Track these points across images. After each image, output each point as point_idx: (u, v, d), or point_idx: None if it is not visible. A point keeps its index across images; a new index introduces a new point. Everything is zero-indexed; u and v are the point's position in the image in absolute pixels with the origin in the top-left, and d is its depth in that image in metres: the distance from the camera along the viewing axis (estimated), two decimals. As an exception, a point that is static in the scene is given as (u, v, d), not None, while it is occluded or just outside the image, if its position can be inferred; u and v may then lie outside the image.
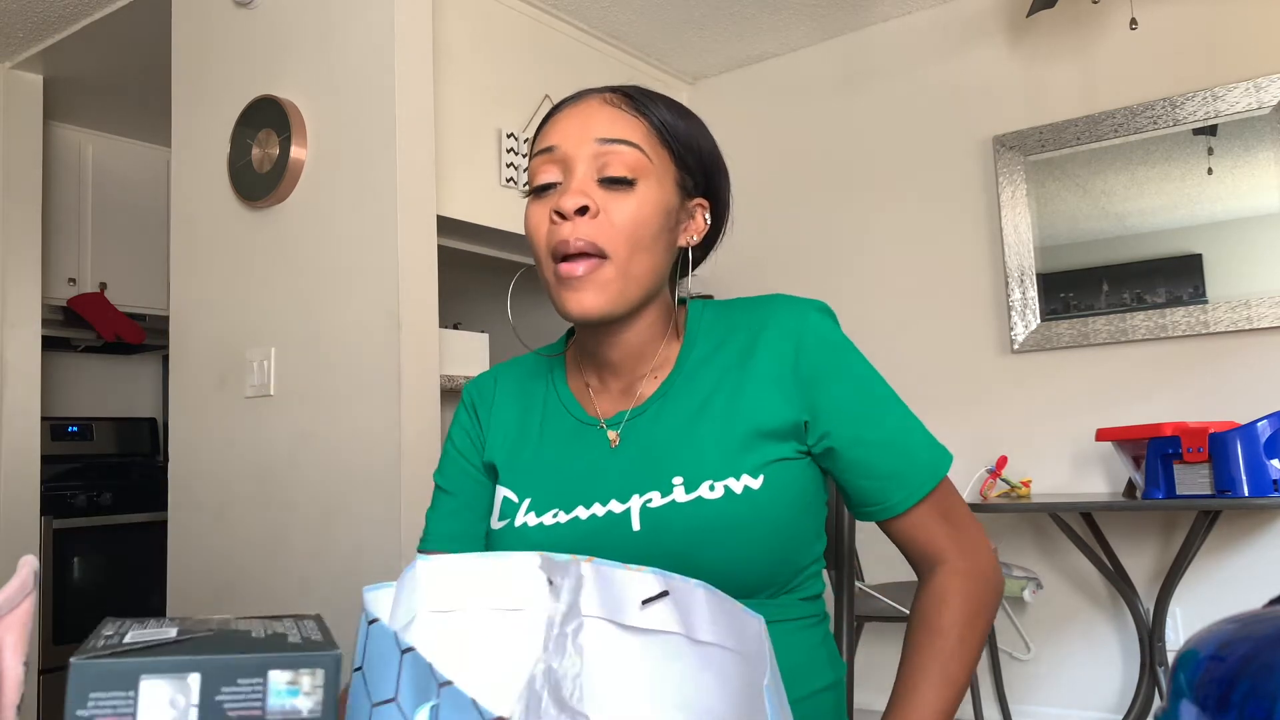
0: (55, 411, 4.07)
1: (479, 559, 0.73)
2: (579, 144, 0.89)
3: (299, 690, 0.47)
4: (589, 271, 0.86)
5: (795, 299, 0.94)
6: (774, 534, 0.88)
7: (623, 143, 0.89)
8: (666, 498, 0.87)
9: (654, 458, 0.90)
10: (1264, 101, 2.65)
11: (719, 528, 0.85)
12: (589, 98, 0.93)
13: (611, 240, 0.87)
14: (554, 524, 0.90)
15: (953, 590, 0.88)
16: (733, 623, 0.64)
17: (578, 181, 0.88)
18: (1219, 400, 2.65)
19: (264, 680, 0.47)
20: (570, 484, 0.92)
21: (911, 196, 3.22)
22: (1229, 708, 0.37)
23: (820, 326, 0.92)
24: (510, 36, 2.92)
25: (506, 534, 0.93)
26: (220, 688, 0.46)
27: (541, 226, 0.89)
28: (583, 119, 0.90)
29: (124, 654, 0.45)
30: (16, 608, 0.50)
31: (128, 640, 0.47)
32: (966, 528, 0.91)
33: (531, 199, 0.92)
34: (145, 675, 0.44)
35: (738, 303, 0.98)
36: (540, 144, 0.91)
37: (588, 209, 0.86)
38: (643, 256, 0.89)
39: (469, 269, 3.30)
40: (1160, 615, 2.55)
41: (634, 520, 0.88)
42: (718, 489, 0.86)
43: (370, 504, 2.17)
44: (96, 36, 3.14)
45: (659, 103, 0.94)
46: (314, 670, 0.48)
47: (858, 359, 0.92)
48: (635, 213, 0.88)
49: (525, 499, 0.93)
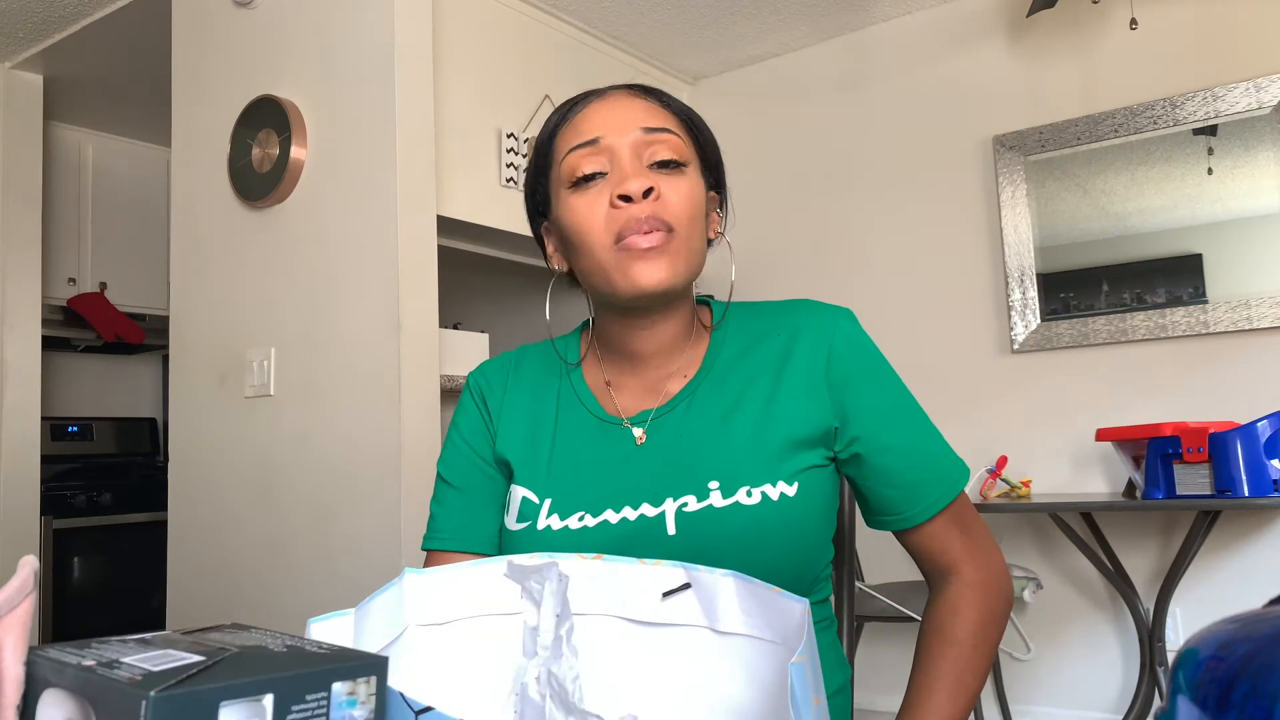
0: (55, 411, 4.07)
1: (466, 569, 0.72)
2: (623, 133, 0.89)
3: (356, 700, 0.47)
4: (662, 242, 0.86)
5: (824, 305, 0.95)
6: (805, 540, 0.88)
7: (667, 130, 0.90)
8: (703, 502, 0.86)
9: (687, 460, 0.89)
10: (1264, 101, 2.65)
11: (756, 533, 0.85)
12: (614, 92, 0.93)
13: (674, 216, 0.87)
14: (581, 528, 0.88)
15: (966, 601, 0.88)
16: (770, 611, 0.63)
17: (634, 167, 0.88)
18: (1219, 400, 2.65)
19: (328, 694, 0.47)
20: (594, 484, 0.90)
21: (911, 196, 3.22)
22: (1229, 708, 0.37)
23: (852, 333, 0.93)
24: (510, 36, 2.92)
25: (528, 536, 0.90)
26: (291, 706, 0.45)
27: (596, 214, 0.87)
28: (621, 111, 0.90)
29: (198, 682, 0.44)
30: (16, 608, 0.50)
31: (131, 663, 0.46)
32: (981, 538, 0.92)
33: (572, 191, 0.90)
34: (225, 702, 0.44)
35: (763, 306, 0.98)
36: (577, 138, 0.90)
37: (652, 189, 0.86)
38: (698, 234, 0.90)
39: (469, 269, 3.30)
40: (1160, 615, 2.54)
41: (669, 524, 0.86)
42: (755, 495, 0.86)
43: (370, 504, 2.17)
44: (96, 36, 3.14)
45: (673, 98, 0.96)
46: (369, 679, 0.48)
47: (886, 367, 0.93)
48: (689, 192, 0.89)
49: (546, 499, 0.91)
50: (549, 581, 0.69)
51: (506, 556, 0.72)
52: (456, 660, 0.70)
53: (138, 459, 4.23)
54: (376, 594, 0.66)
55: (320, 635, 0.61)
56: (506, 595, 0.71)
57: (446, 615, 0.71)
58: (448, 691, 0.69)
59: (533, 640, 0.69)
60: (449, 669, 0.70)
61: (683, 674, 0.67)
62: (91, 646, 0.50)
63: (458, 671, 0.70)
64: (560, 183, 0.91)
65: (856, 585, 2.47)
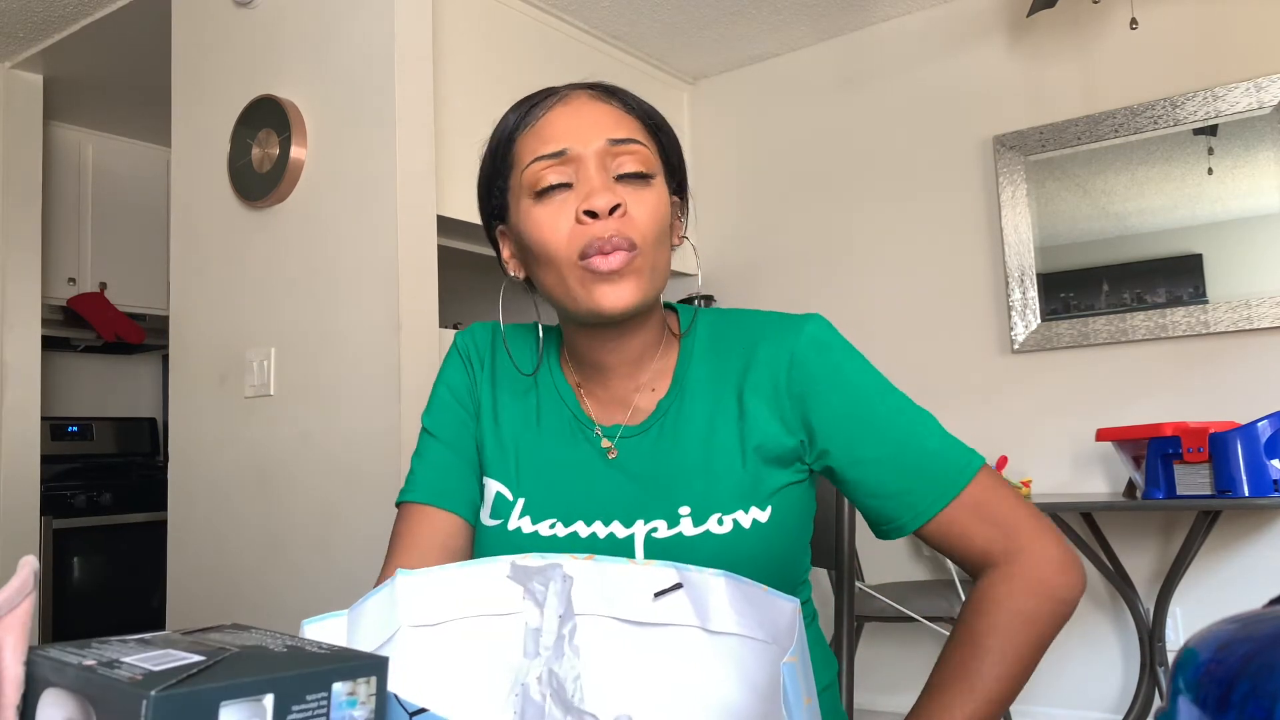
0: (55, 411, 4.08)
1: (459, 569, 0.72)
2: (588, 143, 0.85)
3: (356, 700, 0.47)
4: (624, 264, 0.83)
5: (788, 316, 0.92)
6: (778, 564, 0.87)
7: (634, 141, 0.87)
8: (673, 529, 0.85)
9: (659, 484, 0.87)
10: (1264, 101, 2.65)
11: (726, 562, 0.82)
12: (576, 94, 0.89)
13: (640, 234, 0.84)
14: (551, 535, 0.87)
15: (993, 598, 0.81)
16: (760, 611, 0.63)
17: (600, 180, 0.84)
18: (1219, 400, 2.65)
19: (328, 694, 0.47)
20: (568, 493, 0.89)
21: (912, 196, 3.22)
22: (1229, 708, 0.37)
23: (813, 342, 0.88)
24: (510, 36, 2.92)
25: (499, 535, 0.89)
26: (291, 706, 0.45)
27: (560, 229, 0.84)
28: (586, 118, 0.87)
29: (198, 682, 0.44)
30: (16, 608, 0.50)
31: (132, 663, 0.46)
32: (1017, 527, 0.83)
33: (535, 202, 0.86)
34: (225, 702, 0.44)
35: (732, 316, 0.95)
36: (541, 146, 0.87)
37: (619, 206, 0.83)
38: (662, 250, 0.87)
39: (469, 269, 3.30)
40: (1160, 615, 2.55)
41: (637, 549, 0.85)
42: (726, 523, 0.84)
43: (370, 504, 2.17)
44: (96, 36, 3.14)
45: (637, 99, 0.92)
46: (369, 679, 0.48)
47: (855, 372, 0.88)
48: (655, 206, 0.86)
49: (519, 499, 0.90)
50: (554, 582, 0.69)
51: (506, 557, 0.72)
52: (450, 661, 0.70)
53: (138, 459, 4.23)
54: (369, 595, 0.66)
55: (314, 636, 0.61)
56: (499, 596, 0.71)
57: (439, 616, 0.71)
58: (443, 692, 0.69)
59: (535, 641, 0.69)
60: (443, 670, 0.70)
61: (675, 674, 0.67)
62: (92, 646, 0.50)
63: (452, 672, 0.70)
64: (522, 190, 0.87)
65: (856, 585, 2.47)
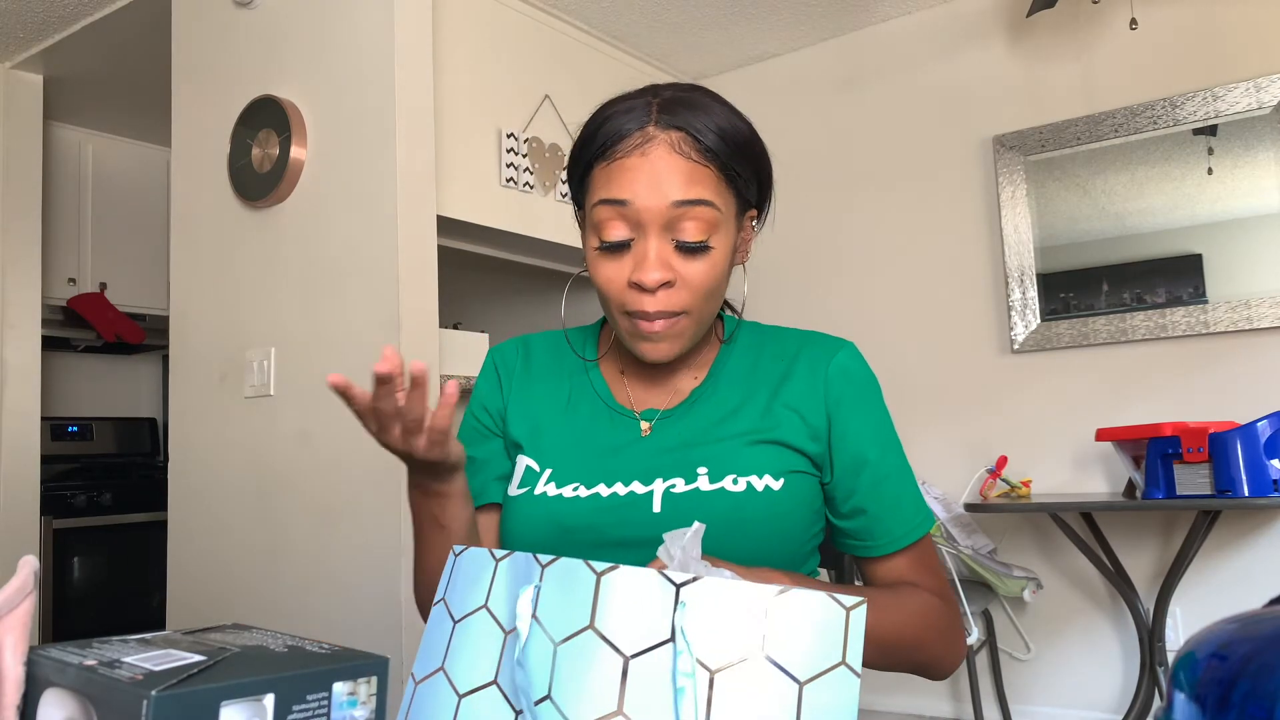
0: (55, 411, 4.08)
1: None
2: (652, 202, 0.85)
3: (357, 700, 0.48)
4: (667, 328, 0.88)
5: (827, 336, 0.99)
6: (787, 535, 0.91)
7: (701, 203, 0.86)
8: (690, 485, 0.90)
9: (681, 451, 0.93)
10: (1264, 101, 2.65)
11: (738, 520, 0.89)
12: (656, 145, 0.86)
13: (690, 302, 0.88)
14: (574, 496, 0.92)
15: (923, 594, 0.91)
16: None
17: (656, 250, 0.86)
18: (1219, 400, 2.65)
19: (329, 694, 0.47)
20: (595, 461, 0.94)
21: (912, 196, 3.22)
22: (1229, 708, 0.37)
23: (850, 363, 0.96)
24: (510, 36, 2.92)
25: (524, 501, 0.94)
26: (291, 706, 0.46)
27: (615, 283, 0.88)
28: (656, 175, 0.85)
29: (199, 682, 0.44)
30: (16, 608, 0.50)
31: (132, 663, 0.46)
32: (945, 586, 0.95)
33: (600, 253, 0.89)
34: (225, 702, 0.44)
35: (772, 329, 1.03)
36: (608, 190, 0.87)
37: (668, 283, 0.87)
38: (714, 303, 0.92)
39: (469, 269, 3.29)
40: (1160, 615, 2.54)
41: (655, 502, 0.90)
42: (740, 483, 0.90)
43: (370, 504, 2.17)
44: (96, 36, 3.14)
45: (716, 116, 0.89)
46: (370, 679, 0.48)
47: (879, 400, 0.97)
48: (710, 273, 0.89)
49: (547, 469, 0.95)
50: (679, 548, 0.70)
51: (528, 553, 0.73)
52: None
53: (138, 459, 4.23)
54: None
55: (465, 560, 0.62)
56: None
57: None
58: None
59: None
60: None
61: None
62: (92, 646, 0.50)
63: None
64: (589, 224, 0.91)
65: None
